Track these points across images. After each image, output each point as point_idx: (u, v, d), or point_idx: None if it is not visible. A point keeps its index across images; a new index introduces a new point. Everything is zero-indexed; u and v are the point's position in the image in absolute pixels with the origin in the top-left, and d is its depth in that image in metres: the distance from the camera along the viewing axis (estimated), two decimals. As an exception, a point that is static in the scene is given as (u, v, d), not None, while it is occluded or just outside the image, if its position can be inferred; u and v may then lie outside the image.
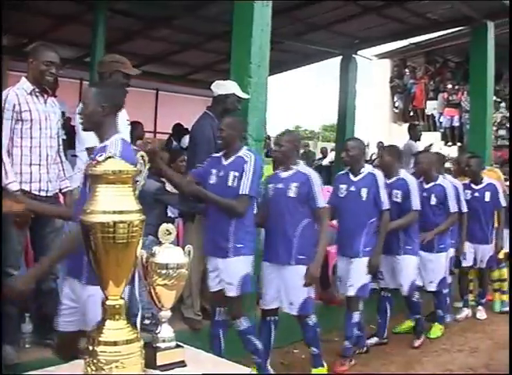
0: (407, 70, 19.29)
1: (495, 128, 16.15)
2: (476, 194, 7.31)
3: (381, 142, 14.60)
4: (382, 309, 6.18)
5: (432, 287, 6.47)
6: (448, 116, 17.36)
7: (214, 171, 4.66)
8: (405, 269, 5.93)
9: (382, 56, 18.57)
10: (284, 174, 4.91)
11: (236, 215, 4.47)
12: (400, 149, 6.61)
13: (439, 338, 6.49)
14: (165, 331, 2.16)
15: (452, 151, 15.50)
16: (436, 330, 6.56)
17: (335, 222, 5.79)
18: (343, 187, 5.52)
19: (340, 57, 12.14)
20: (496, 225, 7.55)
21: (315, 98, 74.98)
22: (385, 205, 5.44)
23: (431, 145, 8.90)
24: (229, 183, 4.50)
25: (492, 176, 7.99)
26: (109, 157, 1.98)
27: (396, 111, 19.30)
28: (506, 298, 7.89)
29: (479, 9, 9.29)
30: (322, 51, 12.10)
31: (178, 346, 2.17)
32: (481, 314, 7.49)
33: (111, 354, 1.86)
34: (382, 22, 10.38)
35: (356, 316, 5.40)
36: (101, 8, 9.34)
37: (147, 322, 4.63)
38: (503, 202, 7.38)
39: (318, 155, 19.81)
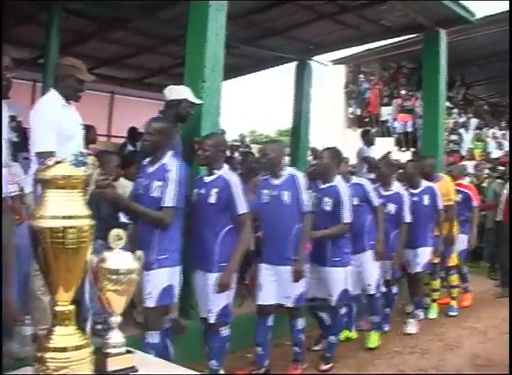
0: (361, 76, 19.50)
1: (447, 133, 16.44)
2: (415, 198, 7.18)
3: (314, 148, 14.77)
4: (320, 321, 6.03)
5: (372, 290, 6.37)
6: (402, 121, 17.59)
7: (140, 180, 4.58)
8: (331, 281, 5.66)
9: (337, 62, 18.73)
10: (207, 179, 4.81)
11: (164, 227, 4.36)
12: (337, 152, 6.12)
13: (391, 340, 6.58)
14: (116, 337, 2.14)
15: (406, 157, 15.71)
16: (374, 338, 6.35)
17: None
18: (266, 192, 5.32)
19: (295, 62, 12.23)
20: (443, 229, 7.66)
21: (271, 102, 75.10)
22: (307, 207, 5.21)
23: (389, 153, 8.99)
24: (152, 193, 4.38)
25: (447, 182, 8.03)
26: (59, 162, 1.95)
27: (351, 116, 19.49)
28: (454, 303, 8.10)
29: (431, 17, 9.45)
30: (278, 56, 12.13)
31: (129, 352, 2.15)
32: (411, 327, 7.07)
33: (60, 360, 1.84)
34: (337, 28, 10.45)
35: (300, 323, 5.39)
36: (55, 8, 9.14)
37: (99, 327, 4.58)
38: (440, 205, 7.31)
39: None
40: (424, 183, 7.35)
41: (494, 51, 17.29)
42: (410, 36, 12.40)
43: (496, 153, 16.77)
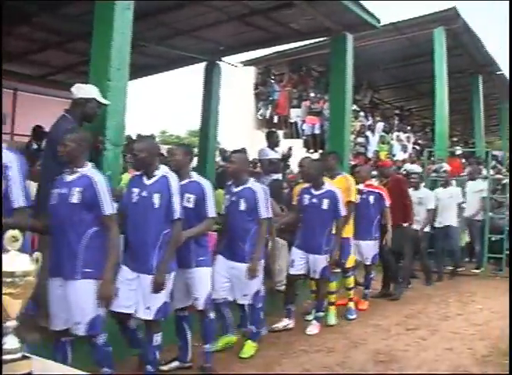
0: (271, 78, 19.65)
1: (354, 136, 16.80)
2: (314, 199, 6.97)
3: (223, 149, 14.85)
4: (181, 332, 5.58)
5: (246, 300, 6.07)
6: (310, 123, 17.81)
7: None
8: (198, 282, 5.36)
9: (247, 63, 18.82)
10: (69, 178, 4.53)
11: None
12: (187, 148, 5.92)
13: (297, 339, 6.64)
14: (11, 342, 2.07)
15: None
16: (249, 348, 6.08)
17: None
18: (136, 191, 4.89)
19: (205, 63, 12.22)
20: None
21: (182, 103, 74.71)
22: (177, 213, 4.85)
23: (290, 149, 9.05)
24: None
25: (342, 183, 7.76)
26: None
27: (260, 118, 19.61)
28: (352, 305, 8.07)
29: (338, 21, 9.63)
30: (187, 56, 12.07)
31: (25, 357, 2.08)
32: (313, 328, 7.05)
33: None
34: (247, 30, 10.50)
35: (157, 339, 4.94)
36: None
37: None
38: (343, 211, 7.03)
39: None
40: (327, 186, 7.06)
41: (398, 56, 17.83)
42: (318, 39, 12.64)
43: (400, 155, 17.24)
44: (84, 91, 5.31)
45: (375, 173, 10.86)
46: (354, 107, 17.51)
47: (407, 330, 7.27)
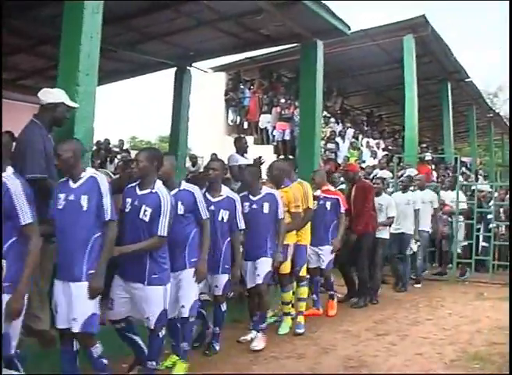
0: (241, 84, 19.69)
1: (324, 142, 16.87)
2: (254, 205, 6.76)
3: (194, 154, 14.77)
4: (131, 344, 5.28)
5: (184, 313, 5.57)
6: (280, 129, 17.88)
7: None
8: (149, 300, 5.00)
9: (217, 69, 18.89)
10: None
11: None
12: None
13: (267, 346, 6.61)
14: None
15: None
16: (180, 368, 5.58)
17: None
18: (62, 196, 4.59)
19: (175, 68, 12.19)
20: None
21: (153, 108, 74.49)
22: (109, 215, 4.56)
23: (260, 158, 9.00)
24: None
25: (298, 189, 7.52)
26: None
27: (231, 124, 19.63)
28: (301, 319, 7.50)
29: (308, 28, 9.64)
30: (157, 61, 12.02)
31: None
32: (258, 343, 6.59)
33: None
34: (217, 35, 10.47)
35: (95, 351, 4.62)
36: None
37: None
38: (280, 214, 6.84)
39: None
40: (265, 190, 6.88)
41: (369, 63, 18.00)
42: (289, 45, 12.68)
43: (370, 161, 17.34)
44: (52, 95, 5.23)
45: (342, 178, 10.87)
46: (325, 113, 17.60)
47: (377, 335, 7.28)
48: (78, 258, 4.49)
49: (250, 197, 6.81)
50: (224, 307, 6.35)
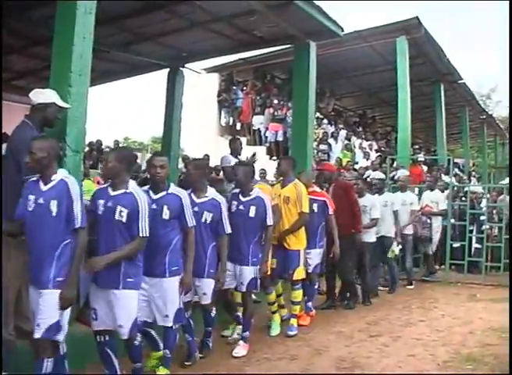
0: (234, 85, 19.70)
1: (316, 143, 16.88)
2: (241, 206, 6.52)
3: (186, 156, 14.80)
4: (106, 360, 4.98)
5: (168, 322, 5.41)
6: (273, 130, 17.90)
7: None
8: (122, 307, 4.81)
9: (210, 70, 18.89)
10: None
11: None
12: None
13: (260, 347, 6.62)
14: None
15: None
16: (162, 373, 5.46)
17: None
18: (32, 198, 4.45)
19: (168, 69, 12.18)
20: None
21: (146, 109, 74.46)
22: (79, 222, 4.42)
23: (254, 155, 8.95)
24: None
25: (291, 192, 7.42)
26: None
27: (223, 125, 19.64)
28: (295, 322, 7.44)
29: (301, 29, 9.65)
30: (150, 62, 12.00)
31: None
32: (240, 350, 6.42)
33: None
34: (210, 36, 10.47)
35: (47, 365, 4.41)
36: None
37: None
38: (270, 220, 6.57)
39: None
40: (256, 192, 6.63)
41: (362, 65, 18.01)
42: (282, 47, 12.69)
43: (362, 163, 17.37)
44: (43, 95, 5.20)
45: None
46: (317, 114, 17.61)
47: (369, 336, 7.28)
48: (46, 264, 4.35)
49: (240, 197, 6.59)
50: (214, 312, 6.26)
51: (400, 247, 10.78)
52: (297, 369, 5.89)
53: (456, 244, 12.64)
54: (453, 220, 12.60)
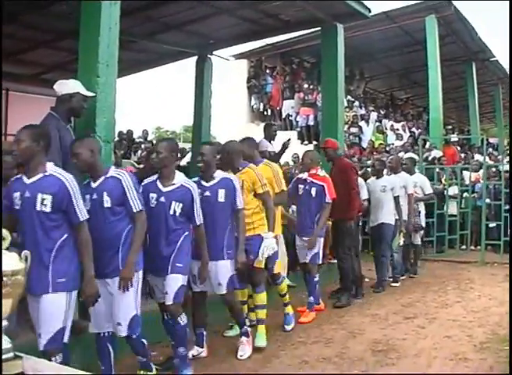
0: (263, 70, 19.67)
1: (347, 126, 16.78)
2: (207, 193, 5.54)
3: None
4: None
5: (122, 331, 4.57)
6: (303, 115, 17.83)
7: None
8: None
9: (239, 56, 18.86)
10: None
11: None
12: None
13: (295, 331, 6.64)
14: (2, 342, 2.06)
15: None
16: None
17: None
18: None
19: (196, 57, 12.19)
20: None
21: (177, 98, 74.87)
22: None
23: (289, 140, 8.90)
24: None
25: (266, 170, 6.49)
26: None
27: (254, 111, 19.62)
28: (289, 310, 6.81)
29: (329, 12, 9.59)
30: (178, 51, 12.04)
31: (17, 357, 2.07)
32: (244, 350, 5.83)
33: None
34: (236, 23, 10.46)
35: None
36: None
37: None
38: (240, 203, 5.65)
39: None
40: (220, 174, 5.63)
41: (391, 46, 17.85)
42: (310, 30, 12.62)
43: (395, 144, 17.24)
44: (68, 86, 5.26)
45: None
46: (348, 97, 17.51)
47: (405, 318, 7.25)
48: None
49: (203, 183, 5.58)
50: (183, 319, 5.08)
51: (403, 238, 9.56)
52: (332, 353, 5.88)
53: (492, 224, 12.51)
54: (488, 200, 12.46)
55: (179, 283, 4.99)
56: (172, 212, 5.02)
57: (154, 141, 15.07)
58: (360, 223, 10.27)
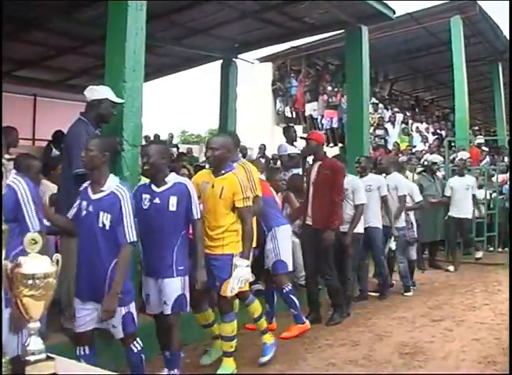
0: (289, 73, 19.67)
1: (373, 128, 16.72)
2: (156, 200, 4.79)
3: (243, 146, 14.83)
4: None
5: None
6: (328, 117, 17.79)
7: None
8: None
9: (263, 60, 18.85)
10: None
11: None
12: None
13: (322, 334, 6.63)
14: (34, 343, 2.09)
15: (334, 152, 15.91)
16: None
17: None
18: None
19: (221, 61, 12.25)
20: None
21: (202, 101, 75.08)
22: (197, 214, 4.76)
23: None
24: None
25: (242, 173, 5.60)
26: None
27: (279, 113, 19.63)
28: (267, 339, 5.79)
29: (353, 14, 9.57)
30: (203, 55, 12.12)
31: (49, 358, 2.10)
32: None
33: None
34: (261, 26, 10.50)
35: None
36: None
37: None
38: (196, 213, 4.87)
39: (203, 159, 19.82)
40: (173, 178, 4.87)
41: (416, 47, 17.73)
42: (334, 33, 12.61)
43: (420, 146, 17.16)
44: (97, 92, 5.34)
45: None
46: (373, 100, 17.44)
47: (432, 321, 7.23)
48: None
49: (153, 187, 4.85)
50: (137, 346, 4.49)
51: (395, 242, 8.76)
52: (359, 356, 5.89)
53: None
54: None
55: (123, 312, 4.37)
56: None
57: (180, 145, 15.18)
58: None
